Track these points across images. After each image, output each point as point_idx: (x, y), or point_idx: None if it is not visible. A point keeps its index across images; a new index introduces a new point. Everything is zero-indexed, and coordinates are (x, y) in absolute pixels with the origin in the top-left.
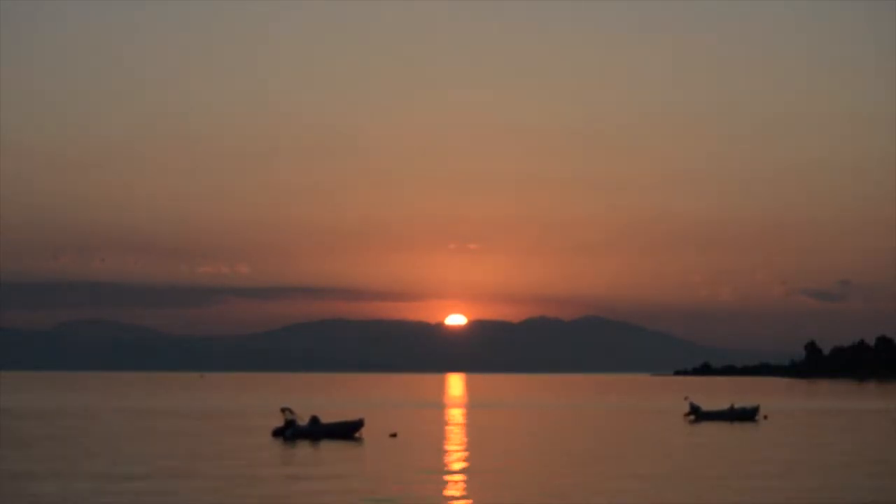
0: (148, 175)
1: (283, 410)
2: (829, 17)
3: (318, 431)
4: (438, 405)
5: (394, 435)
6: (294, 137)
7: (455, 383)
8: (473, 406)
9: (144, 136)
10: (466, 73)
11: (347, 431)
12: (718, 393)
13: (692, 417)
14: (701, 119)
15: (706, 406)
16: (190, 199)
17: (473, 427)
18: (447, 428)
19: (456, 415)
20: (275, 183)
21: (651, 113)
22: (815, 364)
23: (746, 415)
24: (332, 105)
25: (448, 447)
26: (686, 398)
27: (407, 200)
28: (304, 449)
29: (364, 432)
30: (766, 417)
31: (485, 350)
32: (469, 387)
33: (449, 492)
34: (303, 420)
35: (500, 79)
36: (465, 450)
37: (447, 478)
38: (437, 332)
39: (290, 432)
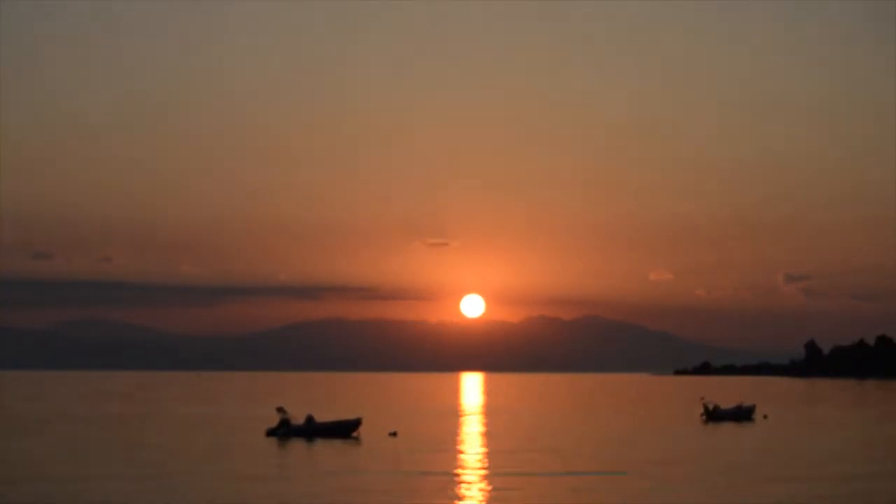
0: (148, 174)
1: (278, 410)
2: (823, 7)
3: (313, 430)
4: (438, 405)
5: (394, 434)
6: (295, 137)
7: (455, 383)
8: (473, 406)
9: (144, 135)
10: (472, 75)
11: (344, 430)
12: (718, 393)
13: (704, 417)
14: (702, 118)
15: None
16: (190, 199)
17: (473, 426)
18: (448, 427)
19: (455, 414)
20: (275, 182)
21: (653, 112)
22: (815, 363)
23: (745, 414)
24: (331, 103)
25: (449, 446)
26: (702, 399)
27: (407, 200)
28: (297, 448)
29: (362, 431)
30: (765, 417)
31: (485, 349)
32: (469, 387)
33: (448, 491)
34: (297, 419)
35: (505, 78)
36: (465, 449)
37: (446, 477)
38: (437, 332)
39: (283, 431)
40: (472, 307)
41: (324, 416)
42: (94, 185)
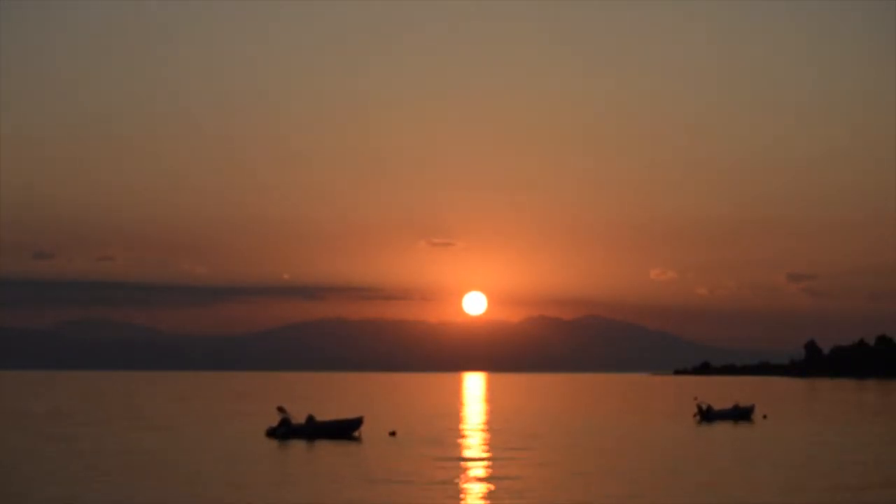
0: (148, 173)
1: (279, 409)
2: (826, 5)
3: (314, 430)
4: (438, 404)
5: (393, 433)
6: (293, 137)
7: (455, 383)
8: (472, 405)
9: (144, 135)
10: (477, 75)
11: (345, 430)
12: (717, 393)
13: (698, 418)
14: (701, 117)
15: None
16: (190, 198)
17: (473, 425)
18: (447, 426)
19: (455, 413)
20: (275, 182)
21: (651, 112)
22: (815, 363)
23: (744, 414)
24: (336, 102)
25: (448, 445)
26: (695, 399)
27: (406, 200)
28: (297, 448)
29: (362, 431)
30: (765, 417)
31: (485, 349)
32: (469, 387)
33: (447, 490)
34: (298, 419)
35: (509, 79)
36: (464, 447)
37: (447, 477)
38: (437, 332)
39: (283, 431)
40: (475, 304)
41: (324, 415)
42: (95, 184)
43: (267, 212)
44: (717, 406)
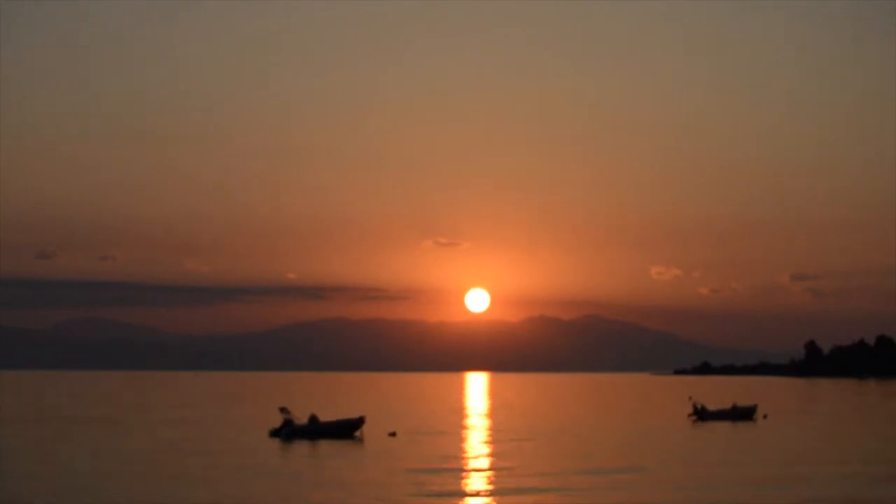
0: (149, 174)
1: (281, 410)
2: (830, 6)
3: (316, 430)
4: (437, 404)
5: (393, 434)
6: (296, 135)
7: (455, 382)
8: (473, 406)
9: (145, 136)
10: (482, 77)
11: (347, 430)
12: (717, 392)
13: (695, 418)
14: (700, 117)
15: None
16: (191, 198)
17: (473, 426)
18: (447, 426)
19: (454, 413)
20: (275, 182)
21: (649, 112)
22: (814, 363)
23: (745, 414)
24: (342, 103)
25: (449, 446)
26: (690, 398)
27: (407, 200)
28: (300, 448)
29: (363, 431)
30: (765, 417)
31: (484, 349)
32: (469, 386)
33: (449, 490)
34: (300, 419)
35: (513, 80)
36: (466, 449)
37: (447, 476)
38: (436, 332)
39: (287, 431)
40: (477, 302)
41: (327, 416)
42: (95, 184)
43: (270, 211)
44: (716, 406)
